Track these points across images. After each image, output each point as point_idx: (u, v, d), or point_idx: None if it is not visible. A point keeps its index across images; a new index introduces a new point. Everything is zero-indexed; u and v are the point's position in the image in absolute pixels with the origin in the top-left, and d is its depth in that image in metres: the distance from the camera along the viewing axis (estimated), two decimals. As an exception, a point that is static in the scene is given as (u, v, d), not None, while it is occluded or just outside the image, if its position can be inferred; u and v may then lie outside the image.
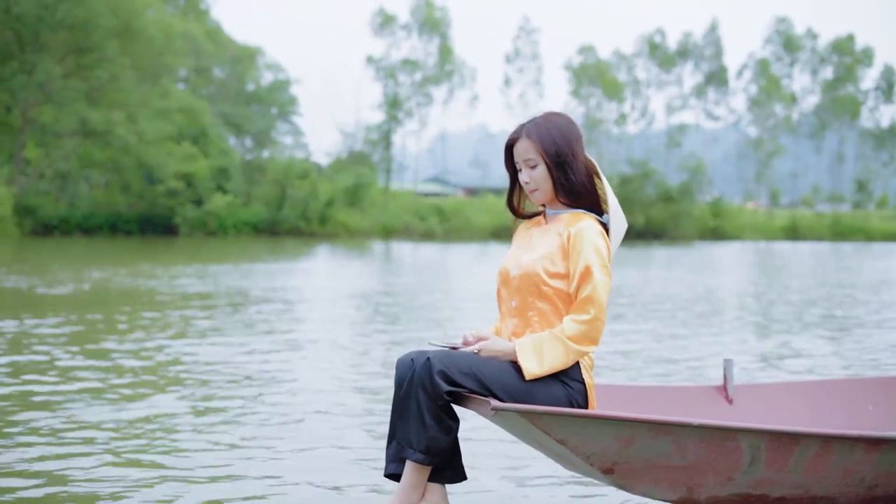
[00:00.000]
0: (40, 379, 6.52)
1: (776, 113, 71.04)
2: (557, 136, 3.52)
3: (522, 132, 3.56)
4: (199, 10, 56.25)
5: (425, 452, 3.32)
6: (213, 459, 4.58)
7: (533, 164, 3.54)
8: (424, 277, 18.99)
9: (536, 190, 3.56)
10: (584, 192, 3.55)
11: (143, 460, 4.52)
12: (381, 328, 10.14)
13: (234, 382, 6.61)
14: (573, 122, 3.61)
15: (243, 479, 4.25)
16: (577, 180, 3.53)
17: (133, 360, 7.47)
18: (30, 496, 3.92)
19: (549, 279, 3.46)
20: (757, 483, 3.38)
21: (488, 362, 3.37)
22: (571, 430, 3.20)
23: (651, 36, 72.49)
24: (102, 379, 6.60)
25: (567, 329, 3.36)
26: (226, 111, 54.64)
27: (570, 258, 3.44)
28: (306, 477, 4.30)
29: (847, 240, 60.95)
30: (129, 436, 4.99)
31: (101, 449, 4.70)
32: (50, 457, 4.52)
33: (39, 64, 40.52)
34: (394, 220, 52.74)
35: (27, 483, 4.09)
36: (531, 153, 3.53)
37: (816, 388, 4.29)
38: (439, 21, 63.76)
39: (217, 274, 18.34)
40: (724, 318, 11.75)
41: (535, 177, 3.54)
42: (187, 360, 7.50)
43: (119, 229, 45.32)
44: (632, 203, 56.83)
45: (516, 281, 3.52)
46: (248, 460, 4.57)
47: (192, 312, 11.08)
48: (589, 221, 3.50)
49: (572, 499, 4.06)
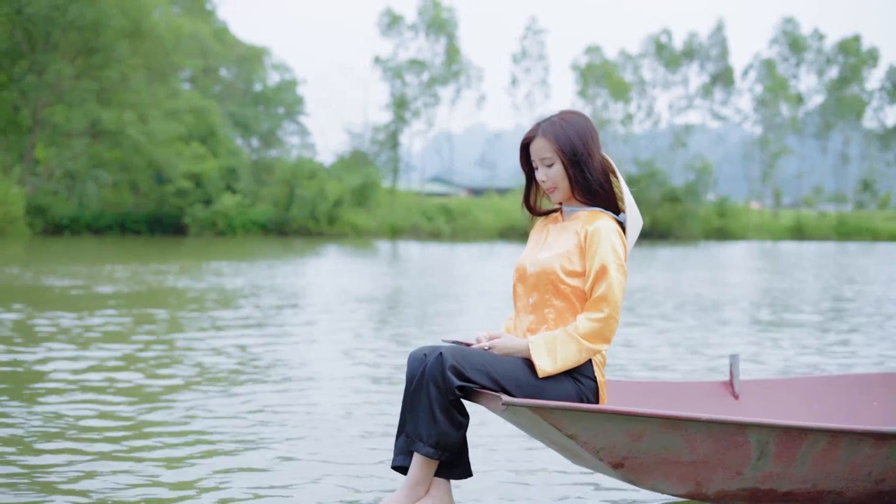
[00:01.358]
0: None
1: (782, 113, 71.05)
2: (573, 134, 3.55)
3: (539, 131, 3.59)
4: (205, 10, 56.37)
5: (435, 447, 3.34)
6: (218, 446, 4.59)
7: (549, 162, 3.57)
8: (435, 276, 19.12)
9: (555, 188, 3.60)
10: (600, 191, 3.58)
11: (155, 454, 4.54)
12: (394, 325, 10.17)
13: (246, 372, 6.63)
14: (589, 120, 3.63)
15: (247, 470, 4.27)
16: (594, 178, 3.56)
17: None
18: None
19: (565, 277, 3.48)
20: (765, 477, 3.41)
21: (500, 359, 3.40)
22: (581, 425, 3.23)
23: (657, 36, 72.49)
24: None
25: (581, 327, 3.39)
26: (233, 111, 54.85)
27: (587, 256, 3.47)
28: (311, 469, 4.32)
29: (853, 239, 61.02)
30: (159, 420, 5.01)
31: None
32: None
33: (50, 64, 40.67)
34: (401, 220, 52.93)
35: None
36: (548, 152, 3.56)
37: (821, 384, 4.32)
38: (446, 21, 63.82)
39: (246, 271, 18.65)
40: (734, 315, 11.72)
41: (551, 175, 3.58)
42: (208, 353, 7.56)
43: (128, 229, 45.56)
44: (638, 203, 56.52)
45: (533, 278, 3.55)
46: (255, 451, 4.60)
47: (220, 310, 11.24)
48: (606, 220, 3.53)
49: (578, 497, 4.05)
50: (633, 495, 4.01)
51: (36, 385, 6.23)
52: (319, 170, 51.69)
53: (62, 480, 4.07)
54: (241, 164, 49.72)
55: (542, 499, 3.99)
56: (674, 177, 62.44)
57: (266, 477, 4.22)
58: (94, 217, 44.81)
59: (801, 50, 72.26)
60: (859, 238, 61.56)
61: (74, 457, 4.45)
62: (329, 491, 4.01)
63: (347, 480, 4.17)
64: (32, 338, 8.52)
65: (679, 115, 73.46)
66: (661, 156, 68.19)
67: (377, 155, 62.49)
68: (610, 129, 70.32)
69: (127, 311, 11.00)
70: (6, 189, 37.18)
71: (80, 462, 4.37)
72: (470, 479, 3.63)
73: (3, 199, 36.70)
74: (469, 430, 3.86)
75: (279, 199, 49.73)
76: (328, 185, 49.48)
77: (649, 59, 72.74)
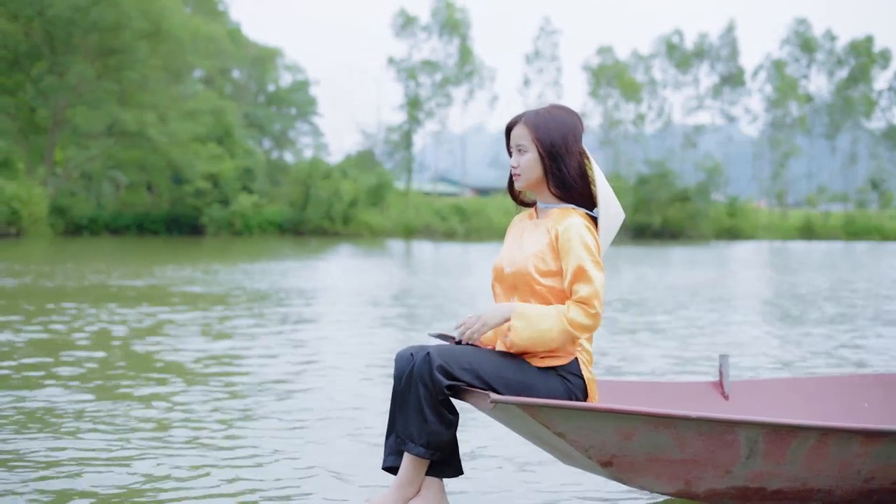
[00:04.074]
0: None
1: (791, 113, 71.15)
2: (554, 127, 3.54)
3: (522, 118, 3.61)
4: (217, 11, 56.58)
5: (426, 446, 3.35)
6: (221, 445, 4.60)
7: (524, 149, 3.58)
8: (451, 275, 19.43)
9: (520, 176, 3.60)
10: (574, 186, 3.56)
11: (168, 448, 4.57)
12: (408, 322, 10.19)
13: (251, 374, 6.67)
14: (576, 116, 3.62)
15: (234, 467, 4.30)
16: (569, 174, 3.54)
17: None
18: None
19: (540, 277, 3.48)
20: (754, 476, 3.41)
21: (487, 357, 3.40)
22: (570, 423, 3.22)
23: (669, 37, 72.57)
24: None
25: (572, 314, 3.37)
26: (247, 112, 55.16)
27: (562, 256, 3.46)
28: (302, 466, 4.35)
29: (862, 239, 61.19)
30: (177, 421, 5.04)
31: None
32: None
33: (72, 66, 40.98)
34: (415, 220, 53.28)
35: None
36: (524, 139, 3.57)
37: (812, 385, 4.34)
38: (459, 22, 64.00)
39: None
40: (741, 313, 11.61)
41: (522, 162, 3.59)
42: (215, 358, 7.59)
43: (146, 229, 45.88)
44: (649, 203, 57.44)
45: (510, 278, 3.55)
46: (256, 447, 4.61)
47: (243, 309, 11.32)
48: (576, 217, 3.50)
49: (569, 494, 4.05)
50: (622, 494, 4.01)
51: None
52: (333, 170, 52.01)
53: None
54: (257, 164, 50.04)
55: (535, 496, 3.99)
56: (684, 177, 62.71)
57: (258, 472, 4.25)
58: (112, 217, 45.20)
59: (812, 50, 72.34)
60: (868, 238, 61.79)
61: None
62: (321, 489, 4.02)
63: (338, 480, 4.18)
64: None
65: (689, 115, 73.64)
66: (672, 156, 68.37)
67: (391, 154, 62.93)
68: (621, 129, 70.49)
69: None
70: (30, 190, 37.67)
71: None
72: (462, 476, 3.60)
73: (28, 199, 37.21)
74: (459, 428, 3.83)
75: (295, 199, 50.08)
76: (343, 185, 49.83)
77: (660, 59, 72.85)
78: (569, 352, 3.47)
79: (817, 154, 74.70)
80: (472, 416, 5.22)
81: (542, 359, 3.44)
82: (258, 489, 4.01)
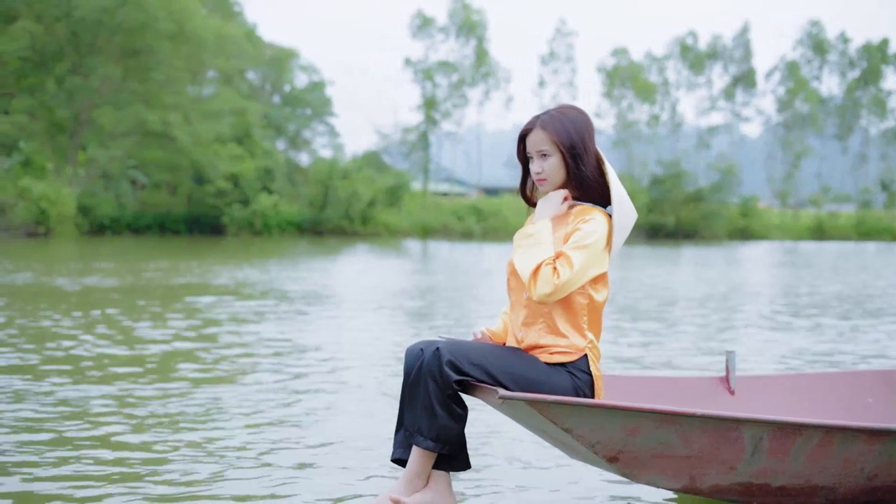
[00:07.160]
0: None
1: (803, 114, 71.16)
2: (572, 128, 3.55)
3: (537, 123, 3.60)
4: (233, 12, 56.66)
5: (435, 440, 3.38)
6: (234, 441, 4.66)
7: (547, 153, 3.57)
8: (469, 274, 19.75)
9: (545, 180, 3.60)
10: (594, 185, 3.58)
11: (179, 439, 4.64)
12: (419, 320, 10.28)
13: (268, 367, 6.74)
14: (587, 115, 3.64)
15: (257, 458, 4.33)
16: (588, 173, 3.56)
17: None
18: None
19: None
20: (758, 472, 3.42)
21: (497, 353, 3.44)
22: (577, 419, 3.24)
23: (683, 38, 72.62)
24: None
25: (560, 267, 3.39)
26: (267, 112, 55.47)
27: (570, 233, 3.48)
28: (319, 461, 4.38)
29: (873, 239, 61.22)
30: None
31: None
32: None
33: (98, 67, 41.23)
34: (433, 220, 53.59)
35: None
36: (545, 144, 3.56)
37: (817, 381, 4.34)
38: (476, 24, 64.16)
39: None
40: (750, 311, 11.49)
41: (546, 167, 3.58)
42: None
43: (167, 229, 46.06)
44: (663, 203, 57.73)
45: None
46: (263, 439, 4.67)
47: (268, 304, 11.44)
48: (596, 214, 3.52)
49: (575, 489, 4.08)
50: (628, 489, 4.05)
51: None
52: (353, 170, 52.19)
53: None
54: (277, 164, 50.19)
55: (541, 490, 4.03)
56: (698, 178, 62.91)
57: (266, 463, 4.29)
58: (133, 217, 45.43)
59: (824, 52, 72.34)
60: (879, 238, 61.93)
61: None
62: (329, 486, 4.05)
63: (346, 471, 4.23)
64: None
65: (702, 116, 73.72)
66: (685, 156, 68.49)
67: (407, 155, 63.28)
68: (635, 129, 70.61)
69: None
70: (58, 190, 38.01)
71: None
72: (469, 470, 3.65)
73: (56, 199, 37.55)
74: (467, 422, 3.78)
75: (314, 199, 50.33)
76: (361, 185, 50.10)
77: (674, 60, 72.90)
78: (579, 349, 3.49)
79: (829, 154, 74.68)
80: (481, 410, 5.26)
81: (552, 355, 3.48)
82: (266, 481, 4.05)
